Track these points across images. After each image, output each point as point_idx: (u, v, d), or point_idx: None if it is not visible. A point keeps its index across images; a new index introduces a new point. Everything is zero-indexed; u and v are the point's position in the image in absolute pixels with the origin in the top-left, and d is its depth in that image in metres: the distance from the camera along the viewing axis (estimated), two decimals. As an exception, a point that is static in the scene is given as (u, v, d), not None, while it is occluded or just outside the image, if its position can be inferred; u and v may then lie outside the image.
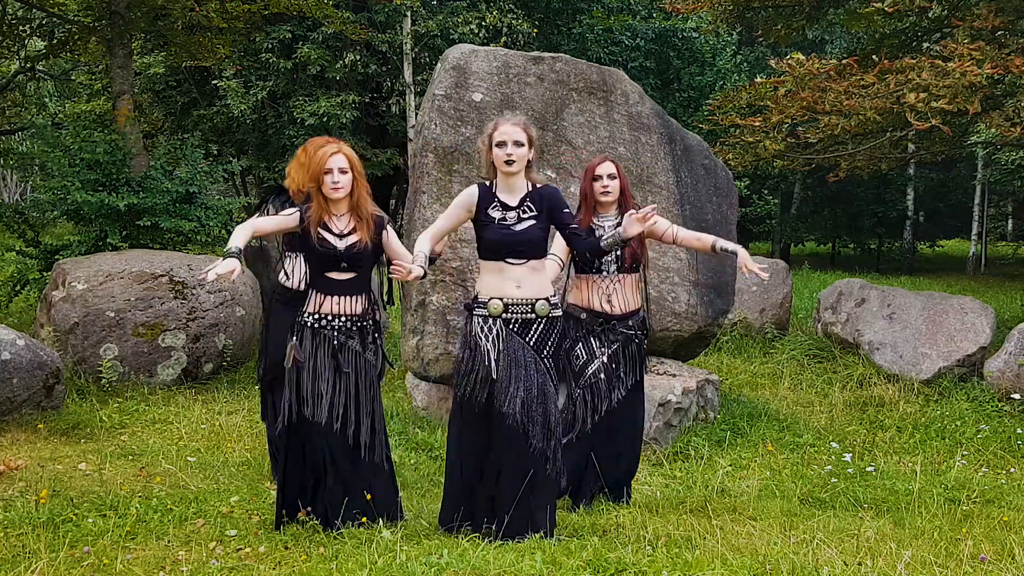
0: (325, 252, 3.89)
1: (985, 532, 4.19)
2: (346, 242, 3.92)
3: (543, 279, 3.95)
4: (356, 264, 3.93)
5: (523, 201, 3.91)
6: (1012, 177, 20.96)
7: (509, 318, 3.88)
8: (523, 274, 3.88)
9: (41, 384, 5.79)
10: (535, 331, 3.90)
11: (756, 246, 25.83)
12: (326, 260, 3.90)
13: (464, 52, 6.06)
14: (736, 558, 3.45)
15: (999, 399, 6.86)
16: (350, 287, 3.94)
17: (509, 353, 3.85)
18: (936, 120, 8.20)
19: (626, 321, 4.53)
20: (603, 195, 4.47)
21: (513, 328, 3.88)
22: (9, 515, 3.98)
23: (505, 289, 3.88)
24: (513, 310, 3.88)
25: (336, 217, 3.95)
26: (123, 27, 9.42)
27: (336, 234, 3.92)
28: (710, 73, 20.10)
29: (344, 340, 3.93)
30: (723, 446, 5.97)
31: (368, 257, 3.97)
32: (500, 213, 3.89)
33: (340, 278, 3.93)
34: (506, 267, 3.88)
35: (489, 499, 3.88)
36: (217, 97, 16.04)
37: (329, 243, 3.90)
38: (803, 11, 11.52)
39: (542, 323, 3.90)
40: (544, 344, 3.91)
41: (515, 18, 15.93)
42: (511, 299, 3.87)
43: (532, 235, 3.87)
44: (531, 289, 3.89)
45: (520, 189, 3.93)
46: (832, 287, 8.71)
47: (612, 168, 4.49)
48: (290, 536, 3.80)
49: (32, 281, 8.20)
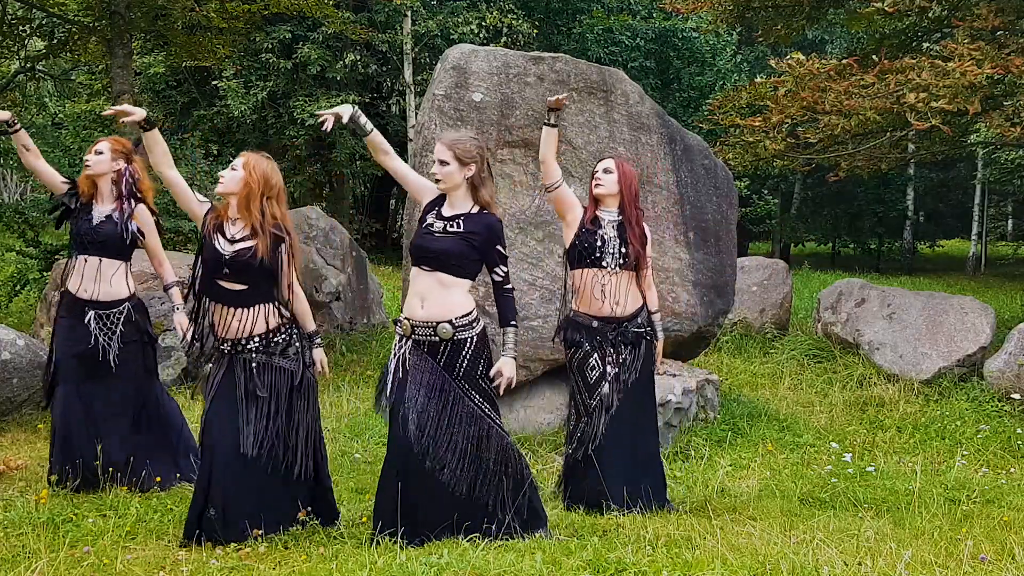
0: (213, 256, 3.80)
1: (985, 532, 4.19)
2: (236, 248, 3.79)
3: (453, 298, 3.76)
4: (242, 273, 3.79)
5: (457, 217, 3.81)
6: (1012, 177, 20.96)
7: (418, 339, 3.78)
8: (429, 287, 3.76)
9: (41, 384, 5.79)
10: (443, 352, 3.75)
11: (756, 246, 25.86)
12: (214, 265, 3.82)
13: (464, 52, 6.06)
14: (736, 558, 3.45)
15: (999, 399, 6.86)
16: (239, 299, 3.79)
17: (411, 374, 3.74)
18: (936, 120, 8.20)
19: (635, 320, 4.52)
20: (596, 187, 4.50)
21: (423, 348, 3.77)
22: (9, 515, 3.98)
23: (412, 308, 3.79)
24: (419, 332, 3.77)
25: (229, 221, 3.87)
26: (123, 27, 9.42)
27: (227, 239, 3.83)
28: (710, 73, 20.11)
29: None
30: (723, 446, 5.97)
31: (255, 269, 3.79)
32: (433, 220, 3.84)
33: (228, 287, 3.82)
34: (418, 275, 3.80)
35: (419, 505, 3.73)
36: (217, 97, 16.04)
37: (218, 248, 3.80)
38: (803, 11, 11.51)
39: (447, 345, 3.75)
40: (453, 365, 3.75)
41: (515, 18, 15.94)
42: (415, 320, 3.78)
43: (447, 247, 3.75)
44: (434, 309, 3.74)
45: (461, 207, 3.84)
46: (832, 287, 8.70)
47: (609, 163, 4.55)
48: (290, 536, 3.79)
49: (32, 281, 8.20)
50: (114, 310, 4.65)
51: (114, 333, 4.62)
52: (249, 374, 3.80)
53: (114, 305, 4.65)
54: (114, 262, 4.67)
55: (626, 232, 4.46)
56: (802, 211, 24.35)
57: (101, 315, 4.62)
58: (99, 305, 4.62)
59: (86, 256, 4.63)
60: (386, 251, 17.78)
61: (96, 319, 4.60)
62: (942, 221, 27.11)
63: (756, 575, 3.29)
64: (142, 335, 4.74)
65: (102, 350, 4.59)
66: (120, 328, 4.64)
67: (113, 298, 4.65)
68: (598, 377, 4.45)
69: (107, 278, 4.64)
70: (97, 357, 4.59)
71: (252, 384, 3.79)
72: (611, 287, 4.46)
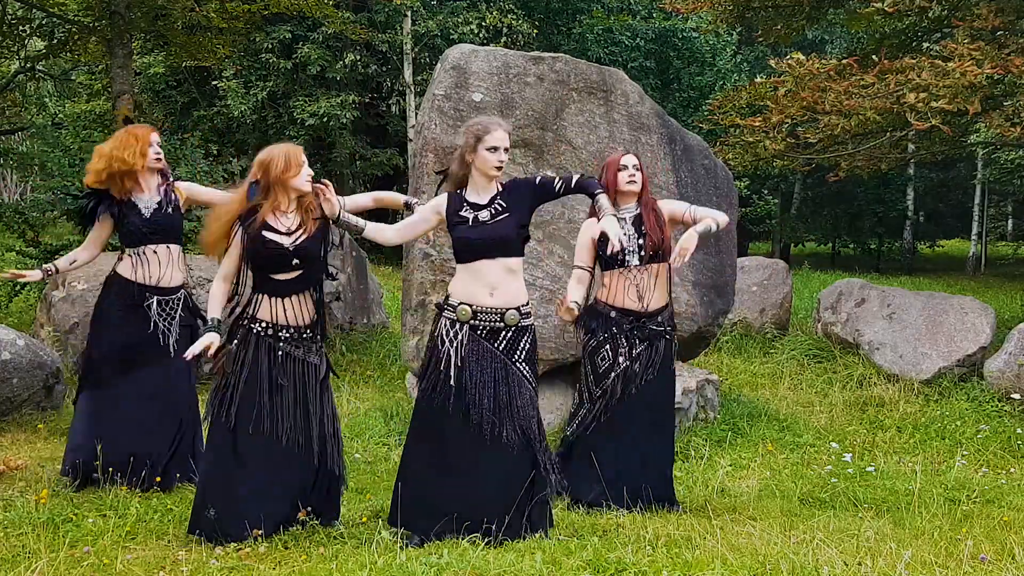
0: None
1: (985, 532, 4.19)
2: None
3: (518, 284, 3.88)
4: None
5: (493, 200, 3.87)
6: (1012, 177, 20.97)
7: (477, 325, 3.82)
8: (498, 277, 3.82)
9: (41, 384, 5.79)
10: (503, 338, 3.83)
11: (756, 246, 25.87)
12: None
13: (464, 52, 6.06)
14: (736, 558, 3.45)
15: (999, 399, 6.86)
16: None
17: (474, 360, 3.79)
18: (936, 120, 8.20)
19: (655, 318, 4.52)
20: (629, 183, 4.48)
21: (480, 335, 3.82)
22: (9, 515, 3.98)
23: (476, 295, 3.82)
24: (482, 318, 3.82)
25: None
26: (123, 27, 9.43)
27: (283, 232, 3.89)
28: (710, 73, 20.12)
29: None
30: (723, 446, 5.97)
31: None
32: (471, 213, 3.86)
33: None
34: (481, 268, 3.83)
35: (463, 500, 3.76)
36: (217, 97, 16.04)
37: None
38: (803, 11, 11.52)
39: (511, 331, 3.84)
40: (514, 350, 3.85)
41: (515, 18, 15.94)
42: (481, 307, 3.82)
43: (504, 232, 3.81)
44: (504, 297, 3.82)
45: (491, 190, 3.91)
46: (832, 287, 8.70)
47: (636, 159, 4.55)
48: (290, 536, 3.79)
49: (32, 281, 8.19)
50: (174, 296, 4.73)
51: (174, 318, 4.70)
52: (276, 361, 3.82)
53: (174, 291, 4.74)
54: (173, 247, 4.76)
55: (643, 224, 4.47)
56: (802, 211, 24.36)
57: (162, 301, 4.69)
58: (161, 291, 4.69)
59: (146, 247, 4.68)
60: (386, 251, 17.76)
61: (158, 305, 4.67)
62: (942, 221, 27.11)
63: (756, 575, 3.29)
64: (193, 320, 4.82)
65: (162, 336, 4.65)
66: (179, 313, 4.72)
67: (173, 284, 4.74)
68: (607, 367, 4.47)
69: (167, 264, 4.72)
70: (156, 343, 4.64)
71: (277, 372, 3.82)
72: (643, 284, 4.48)
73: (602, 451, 4.46)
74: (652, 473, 4.51)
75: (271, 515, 3.78)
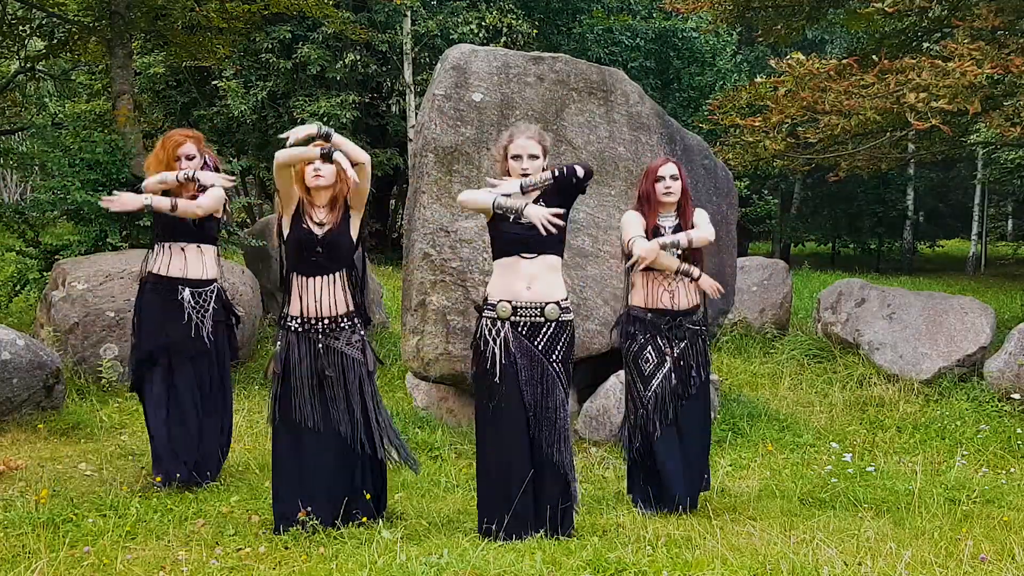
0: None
1: (985, 532, 4.19)
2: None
3: (556, 279, 3.91)
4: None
5: (536, 200, 3.90)
6: (1012, 177, 20.96)
7: (517, 321, 3.85)
8: (536, 272, 3.86)
9: (41, 384, 5.79)
10: (544, 335, 3.86)
11: (756, 246, 25.86)
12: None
13: (464, 52, 6.06)
14: (736, 558, 3.45)
15: (999, 399, 6.86)
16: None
17: (515, 357, 3.82)
18: (936, 120, 8.20)
19: (691, 316, 4.55)
20: (665, 195, 4.49)
21: (521, 332, 3.85)
22: (9, 515, 3.98)
23: (515, 290, 3.86)
24: (521, 313, 3.85)
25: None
26: (123, 27, 9.41)
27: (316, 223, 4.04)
28: (710, 73, 20.10)
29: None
30: (723, 446, 5.97)
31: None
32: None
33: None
34: (520, 263, 3.86)
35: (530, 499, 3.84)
36: (217, 97, 16.03)
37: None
38: (803, 11, 11.52)
39: (551, 327, 3.87)
40: (553, 349, 3.87)
41: (515, 18, 15.92)
42: (520, 301, 3.85)
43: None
44: (542, 291, 3.86)
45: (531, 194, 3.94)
46: (832, 287, 8.70)
47: (674, 169, 4.53)
48: (290, 536, 3.80)
49: (32, 281, 8.19)
50: (207, 288, 4.80)
51: (207, 311, 4.76)
52: (318, 354, 3.93)
53: (206, 284, 4.80)
54: (208, 246, 4.85)
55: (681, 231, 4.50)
56: (802, 211, 24.34)
57: (195, 292, 4.75)
58: (192, 283, 4.76)
59: (178, 243, 4.77)
60: (386, 251, 17.75)
61: (191, 296, 4.73)
62: (942, 221, 27.09)
63: (756, 575, 3.29)
64: (227, 316, 4.90)
65: (195, 327, 4.71)
66: (212, 306, 4.78)
67: (206, 277, 4.80)
68: (653, 368, 4.49)
69: (199, 259, 4.80)
70: (190, 334, 4.70)
71: (320, 364, 3.93)
72: (677, 288, 4.51)
73: (669, 459, 4.46)
74: (696, 467, 4.57)
75: (323, 507, 3.87)
